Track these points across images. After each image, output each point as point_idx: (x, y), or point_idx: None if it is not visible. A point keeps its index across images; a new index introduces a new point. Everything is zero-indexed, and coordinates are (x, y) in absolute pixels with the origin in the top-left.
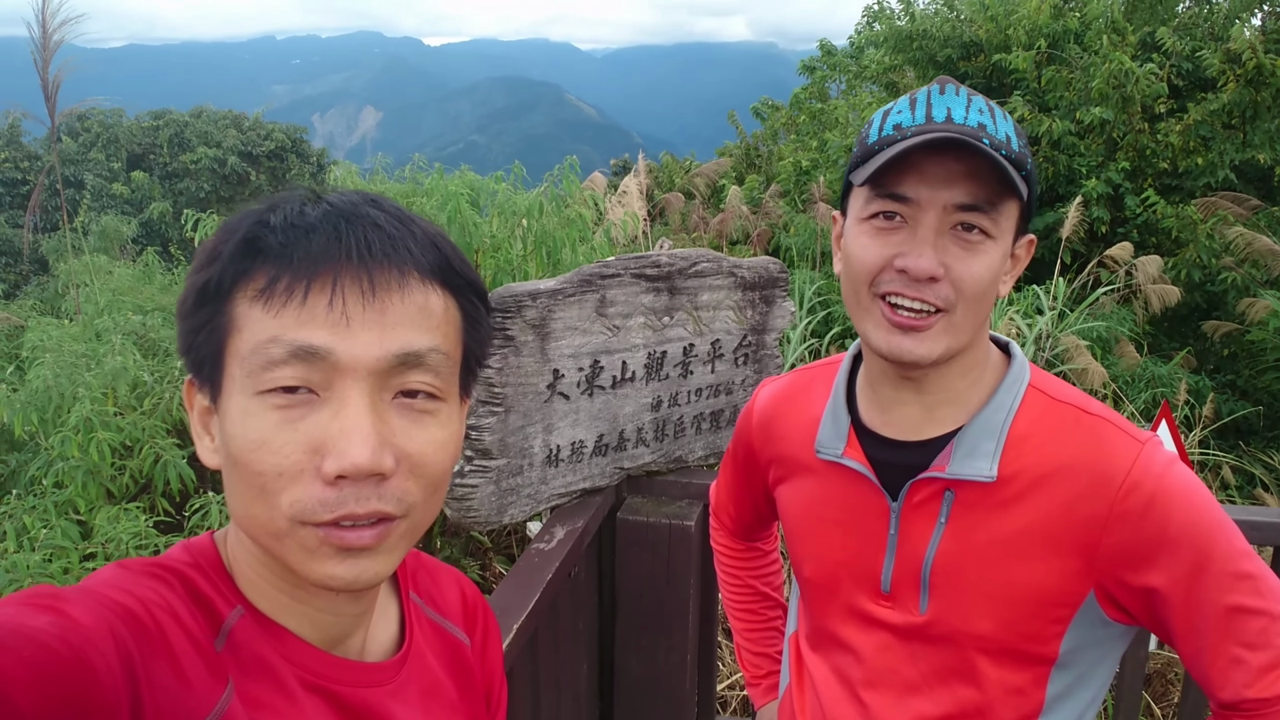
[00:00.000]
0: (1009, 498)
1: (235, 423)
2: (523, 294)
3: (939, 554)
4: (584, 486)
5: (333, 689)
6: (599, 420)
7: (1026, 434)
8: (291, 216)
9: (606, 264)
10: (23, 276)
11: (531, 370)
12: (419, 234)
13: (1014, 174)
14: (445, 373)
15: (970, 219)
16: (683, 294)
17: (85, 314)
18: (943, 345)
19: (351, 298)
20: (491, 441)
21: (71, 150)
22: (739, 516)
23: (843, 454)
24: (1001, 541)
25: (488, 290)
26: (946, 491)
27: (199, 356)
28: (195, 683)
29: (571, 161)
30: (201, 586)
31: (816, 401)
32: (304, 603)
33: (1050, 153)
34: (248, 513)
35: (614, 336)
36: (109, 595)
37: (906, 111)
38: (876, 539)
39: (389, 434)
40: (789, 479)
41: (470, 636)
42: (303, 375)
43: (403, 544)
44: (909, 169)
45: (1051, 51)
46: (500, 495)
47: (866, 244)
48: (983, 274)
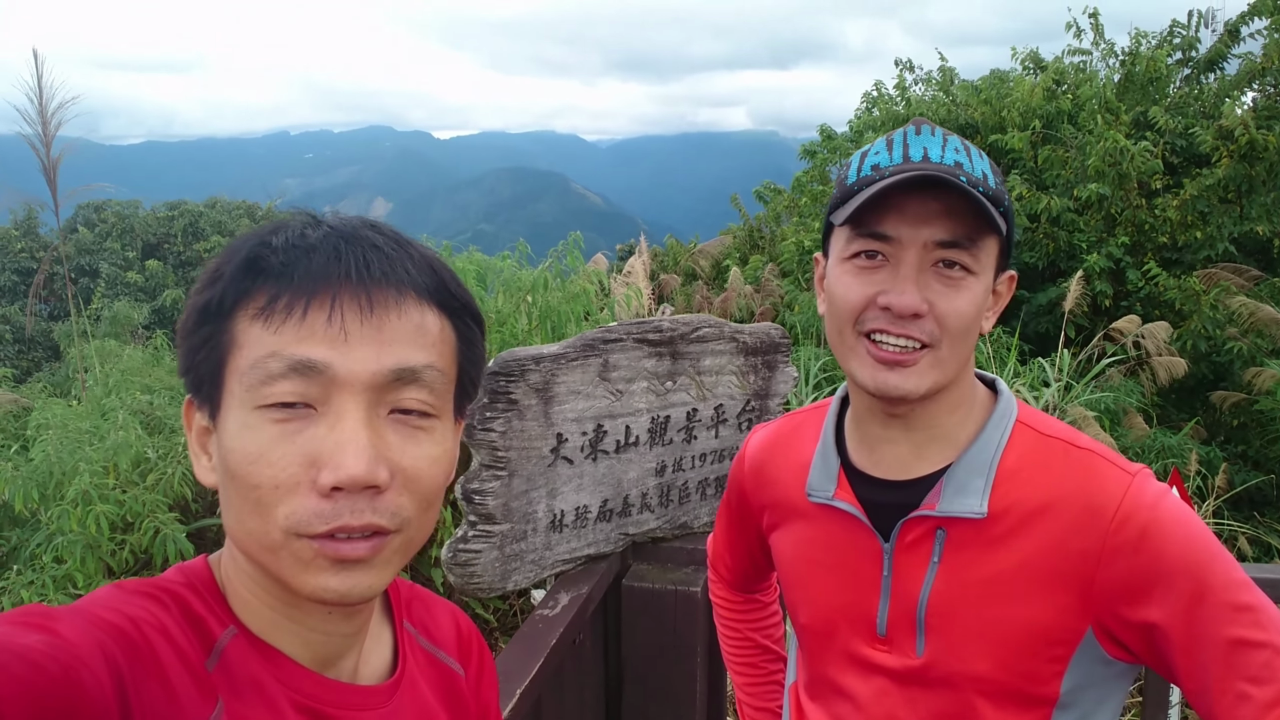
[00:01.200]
0: (1001, 534)
1: (233, 436)
2: (526, 358)
3: (933, 594)
4: (589, 552)
5: (324, 711)
6: (603, 485)
7: (1016, 469)
8: (293, 238)
9: (609, 329)
10: (34, 363)
11: (535, 434)
12: (416, 257)
13: (992, 210)
14: (440, 390)
15: (951, 255)
16: (685, 359)
17: (92, 394)
18: (930, 380)
19: (350, 314)
20: (495, 506)
21: (88, 240)
22: (736, 567)
23: (833, 496)
24: (995, 579)
25: (483, 315)
26: (938, 530)
27: (199, 375)
28: (184, 701)
29: (575, 238)
30: (195, 606)
31: (807, 445)
32: (297, 621)
33: (1050, 229)
34: (244, 527)
35: (617, 401)
36: (100, 614)
37: (884, 152)
38: (870, 581)
39: (384, 448)
40: (782, 524)
41: (465, 668)
42: (301, 390)
43: (396, 559)
44: (889, 208)
45: (1046, 131)
46: (504, 561)
47: (849, 283)
48: (966, 309)
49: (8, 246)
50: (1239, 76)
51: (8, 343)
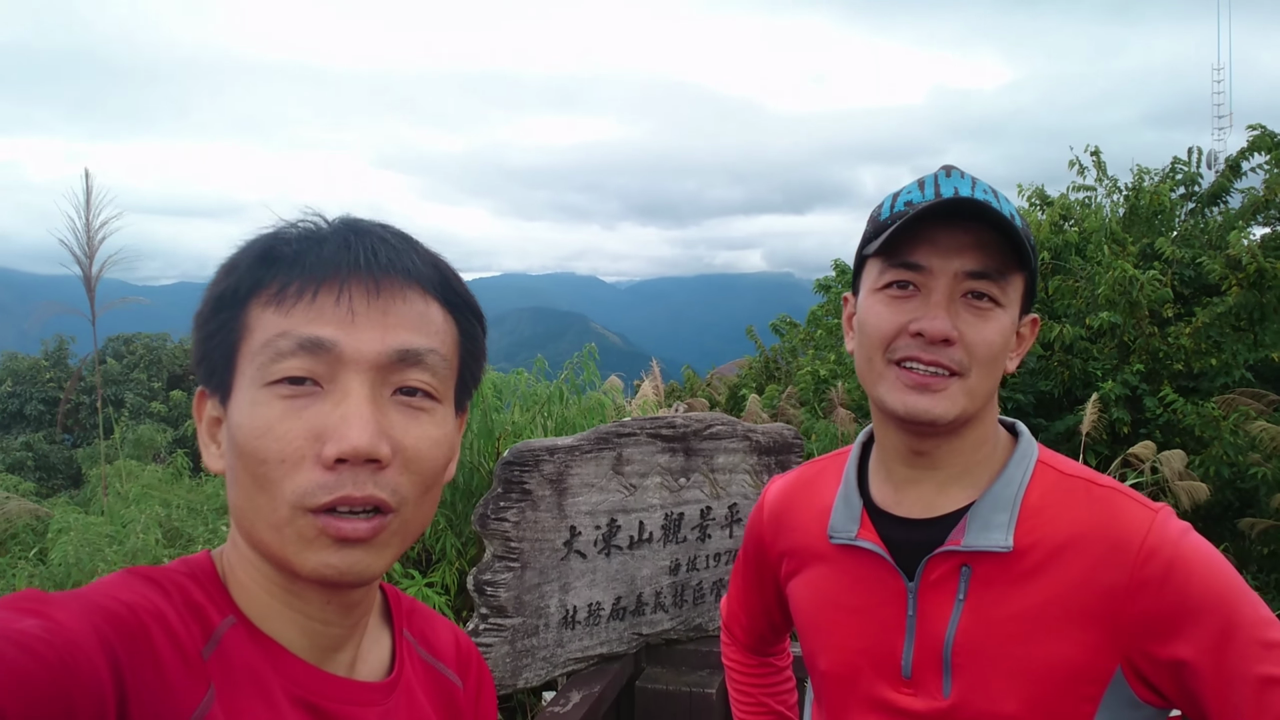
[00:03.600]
0: (1027, 570)
1: (243, 413)
2: (540, 449)
3: (959, 632)
4: (601, 651)
5: (320, 704)
6: (616, 582)
7: (1039, 506)
8: (305, 230)
9: (623, 423)
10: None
11: (549, 526)
12: (422, 252)
13: (1023, 241)
14: (443, 375)
15: (980, 287)
16: (699, 455)
17: (112, 507)
18: (959, 406)
19: (358, 297)
20: (507, 598)
21: (115, 371)
22: (751, 627)
23: (856, 536)
24: (1022, 616)
25: None
26: (964, 567)
27: (212, 362)
28: (176, 687)
29: (590, 349)
30: (195, 595)
31: (827, 490)
32: (296, 609)
33: (1064, 357)
34: (252, 504)
35: (631, 495)
36: (97, 600)
37: (916, 191)
38: (894, 622)
39: (387, 425)
40: (802, 570)
41: (464, 681)
42: (308, 367)
43: (395, 542)
44: (921, 240)
45: (1055, 262)
46: (515, 656)
47: (881, 311)
48: (994, 338)
49: (37, 376)
50: (1244, 209)
51: (30, 469)
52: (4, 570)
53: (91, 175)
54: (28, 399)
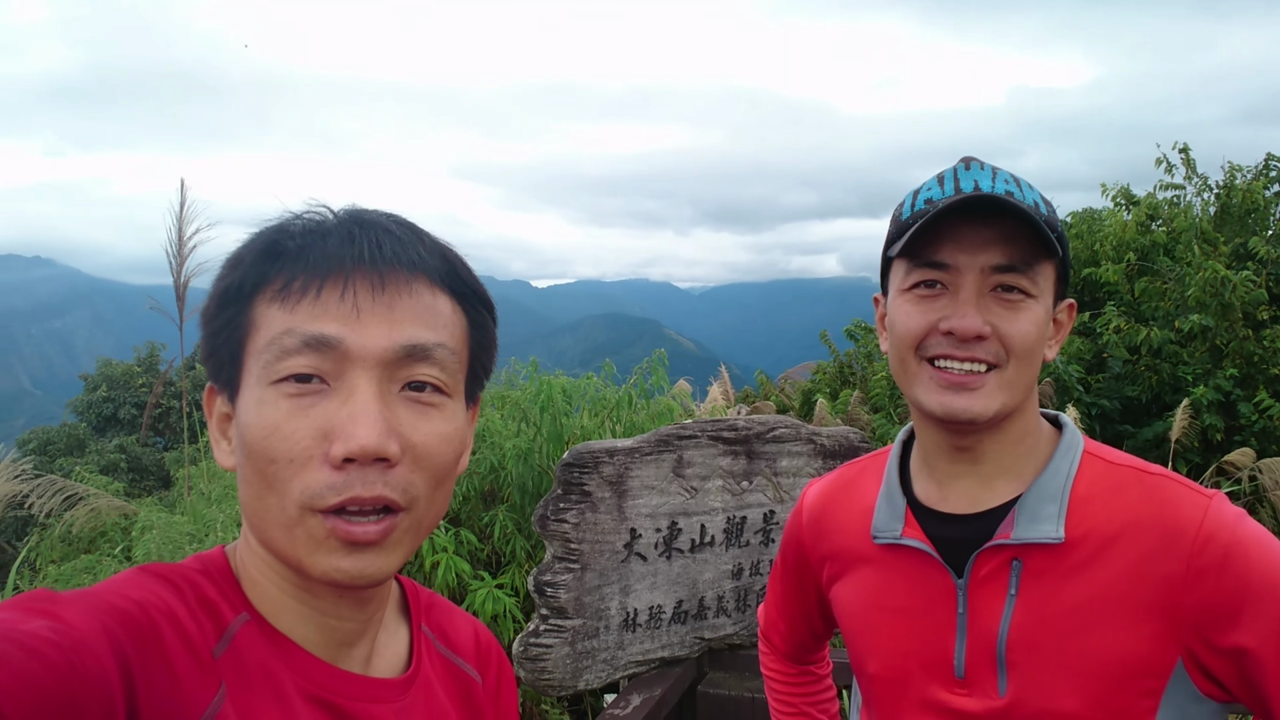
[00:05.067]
0: (1079, 562)
1: (250, 412)
2: (600, 451)
3: (1013, 628)
4: (663, 655)
5: (334, 701)
6: (678, 585)
7: (1088, 496)
8: (309, 224)
9: (684, 426)
10: (146, 490)
11: (608, 528)
12: (429, 243)
13: (1047, 232)
14: (452, 369)
15: (1009, 280)
16: (761, 459)
17: (194, 506)
18: (998, 401)
19: (362, 292)
20: (567, 599)
21: (203, 376)
22: (791, 635)
23: (901, 534)
24: (1077, 609)
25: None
26: (1014, 561)
27: (220, 359)
28: (187, 686)
29: (660, 354)
30: (209, 592)
31: (868, 490)
32: (309, 605)
33: (1152, 361)
34: (262, 503)
35: (692, 498)
36: (106, 598)
37: (936, 188)
38: (945, 621)
39: (395, 423)
40: (845, 574)
41: (483, 677)
42: (314, 364)
43: (406, 541)
44: (944, 237)
45: (1142, 264)
46: (575, 658)
47: (910, 310)
48: (1029, 329)
49: (130, 381)
50: None
51: (123, 471)
52: (91, 566)
53: (186, 186)
54: (121, 403)
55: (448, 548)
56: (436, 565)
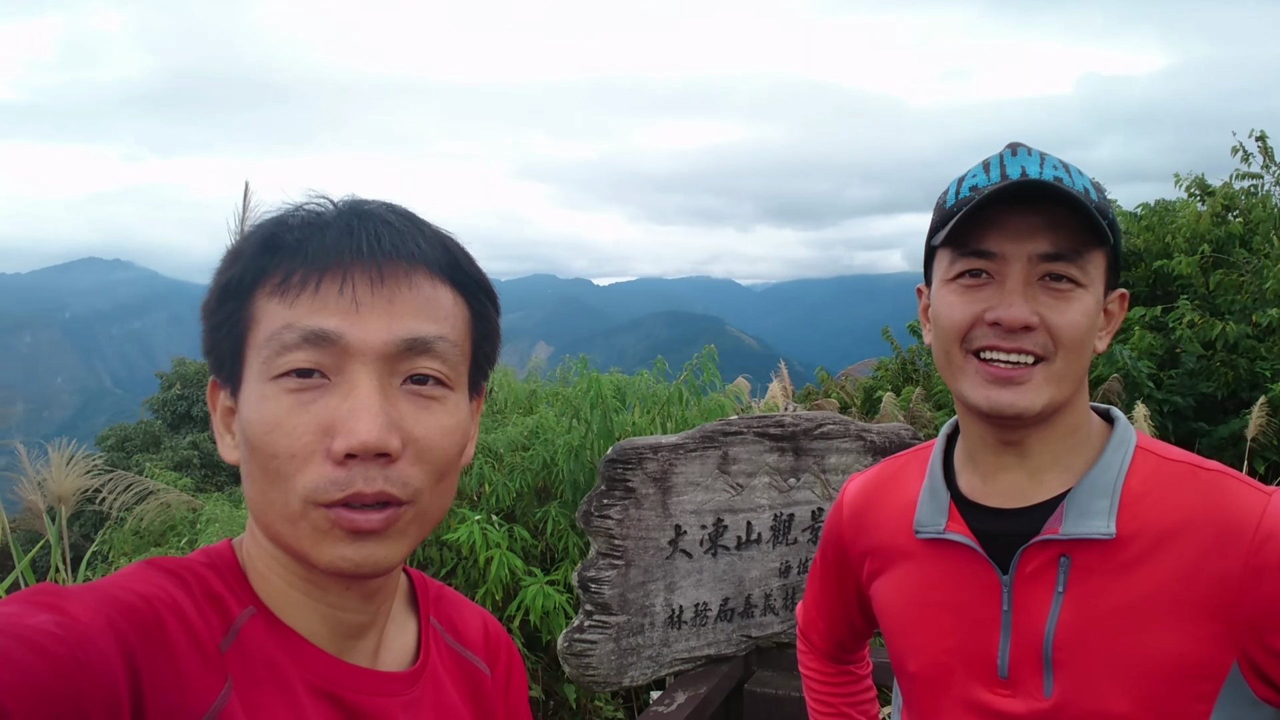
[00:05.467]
0: (1131, 559)
1: (251, 408)
2: (644, 447)
3: (1060, 627)
4: (709, 653)
5: (341, 695)
6: (724, 582)
7: (1141, 492)
8: (308, 217)
9: (729, 421)
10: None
11: (653, 524)
12: (429, 233)
13: (1098, 219)
14: (454, 361)
15: (1057, 269)
16: (809, 455)
17: None
18: (1046, 395)
19: (361, 286)
20: (611, 596)
21: None
22: (830, 634)
23: (945, 529)
24: (1128, 607)
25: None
26: (1062, 557)
27: (221, 353)
28: (192, 680)
29: (710, 351)
30: (215, 586)
31: (911, 485)
32: (315, 598)
33: (1228, 357)
34: (265, 498)
35: (738, 495)
36: (112, 593)
37: (981, 174)
38: (989, 619)
39: (397, 417)
40: (886, 569)
41: (492, 669)
42: (315, 359)
43: (411, 531)
44: (990, 225)
45: (1216, 255)
46: (620, 655)
47: (954, 301)
48: (1079, 320)
49: (203, 380)
50: None
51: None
52: None
53: (250, 189)
54: (195, 401)
55: (501, 543)
56: (490, 560)
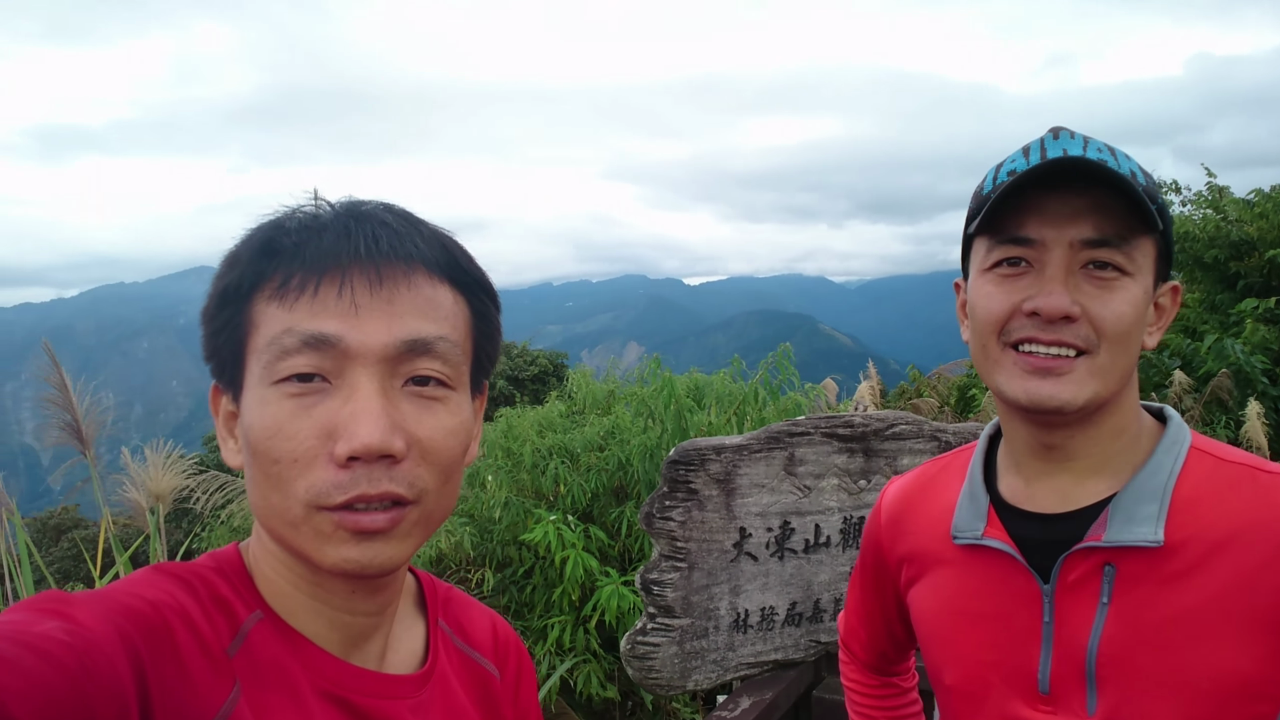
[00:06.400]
0: (1181, 569)
1: (253, 413)
2: (707, 448)
3: (1104, 640)
4: (776, 658)
5: (349, 698)
6: (791, 586)
7: (1194, 497)
8: (305, 219)
9: (796, 422)
10: None
11: (716, 527)
12: (427, 233)
13: (1146, 202)
14: (455, 361)
15: (1102, 255)
16: (880, 456)
17: None
18: (1089, 389)
19: (360, 288)
20: (674, 598)
21: None
22: (871, 644)
23: (983, 534)
24: (1178, 620)
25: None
26: (1106, 566)
27: (222, 359)
28: (200, 685)
29: (785, 349)
30: (222, 590)
31: (950, 488)
32: (322, 601)
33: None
34: (267, 503)
35: (805, 497)
36: (119, 599)
37: (1020, 158)
38: (1029, 630)
39: (400, 419)
40: (923, 576)
41: (502, 671)
42: (315, 363)
43: (416, 531)
44: (1029, 210)
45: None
46: (684, 658)
47: (991, 291)
48: (1125, 310)
49: None
50: None
51: None
52: None
53: (320, 194)
54: None
55: (576, 544)
56: (565, 560)
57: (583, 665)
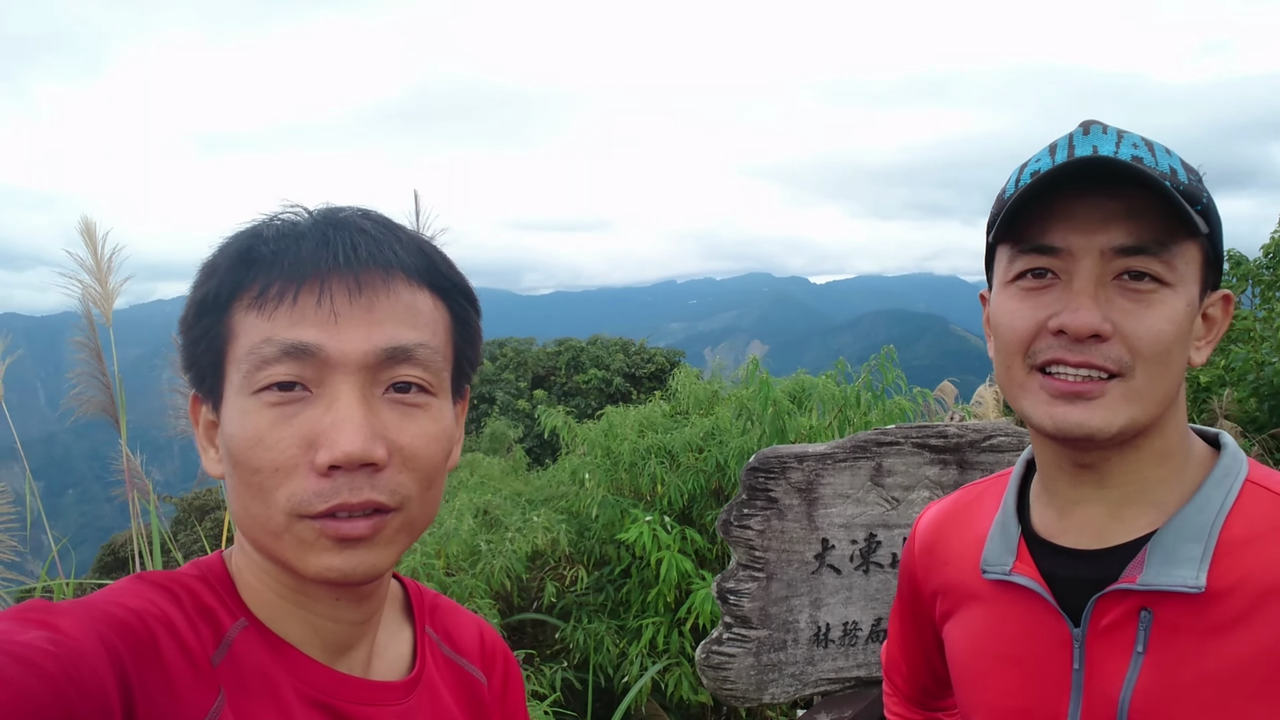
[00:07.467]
0: (1226, 619)
1: (233, 423)
2: (788, 456)
3: (1138, 694)
4: (858, 674)
5: (335, 705)
6: (876, 602)
7: (1246, 538)
8: (283, 228)
9: (884, 431)
10: None
11: (797, 537)
12: (405, 239)
13: (1185, 205)
14: (436, 367)
15: (1137, 265)
16: (975, 469)
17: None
18: (1123, 415)
19: (339, 297)
20: (751, 609)
21: (489, 371)
22: (913, 676)
23: (1011, 570)
24: (1221, 677)
25: None
26: (1142, 611)
27: (201, 368)
28: (185, 694)
29: (888, 351)
30: (206, 599)
31: (984, 516)
32: (306, 608)
33: None
34: (248, 512)
35: (893, 510)
36: (104, 608)
37: (1046, 157)
38: (1058, 677)
39: (381, 426)
40: (956, 611)
41: (489, 677)
42: (295, 372)
43: (399, 538)
44: (1054, 215)
45: None
46: (760, 670)
47: (1015, 308)
48: (1163, 327)
49: None
50: None
51: None
52: None
53: (419, 196)
54: None
55: (671, 545)
56: (660, 561)
57: (675, 668)
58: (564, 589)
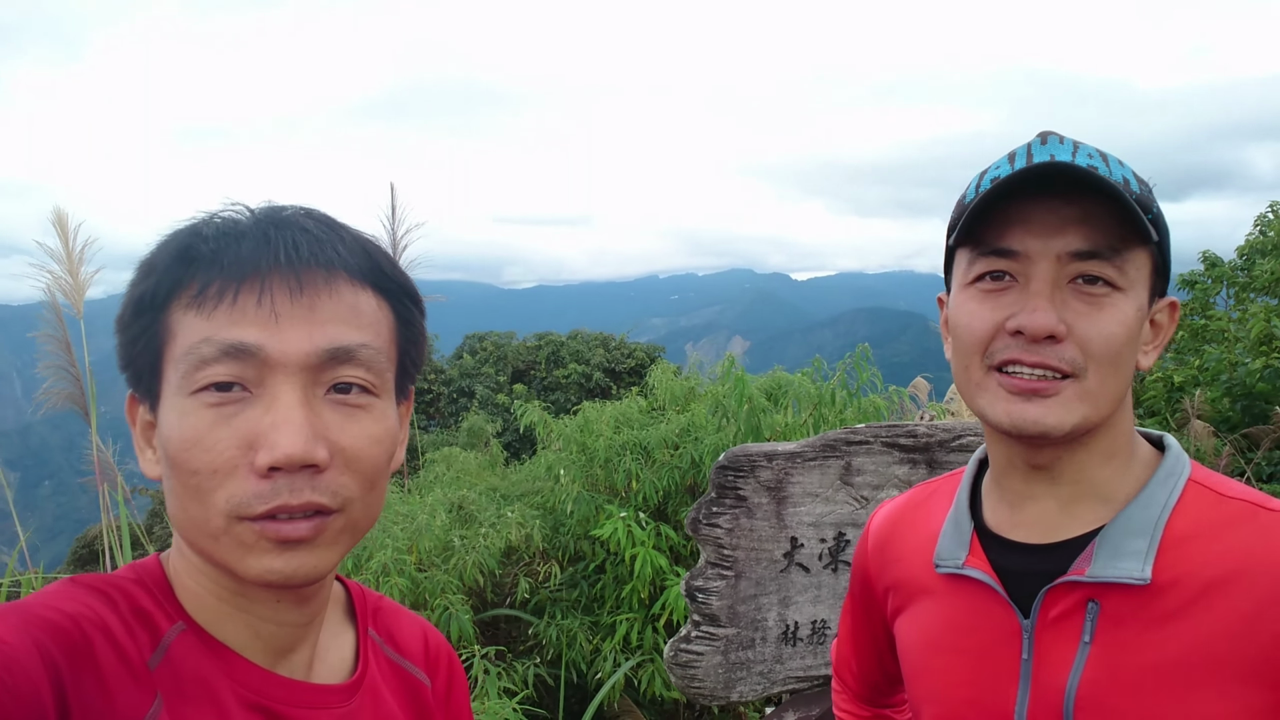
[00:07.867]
0: (1170, 610)
1: (171, 425)
2: (758, 454)
3: (1084, 683)
4: (827, 673)
5: (274, 708)
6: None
7: (1189, 534)
8: (224, 226)
9: (854, 430)
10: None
11: (766, 535)
12: (348, 239)
13: (1138, 212)
14: (379, 368)
15: (1091, 269)
16: (944, 469)
17: (424, 487)
18: (1077, 414)
19: (280, 296)
20: (719, 607)
21: (469, 365)
22: (863, 674)
23: (964, 563)
24: (1163, 666)
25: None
26: (1090, 602)
27: (138, 369)
28: (120, 699)
29: (863, 349)
30: (143, 602)
31: (937, 514)
32: (245, 610)
33: None
34: (186, 514)
35: (862, 509)
36: (37, 612)
37: (1005, 165)
38: (1007, 668)
39: (322, 428)
40: (907, 606)
41: (432, 679)
42: (235, 372)
43: (341, 540)
44: (1012, 220)
45: None
46: (728, 669)
47: (973, 309)
48: (1114, 330)
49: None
50: None
51: None
52: None
53: (395, 189)
54: None
55: (646, 541)
56: (635, 558)
57: (648, 665)
58: (538, 585)
